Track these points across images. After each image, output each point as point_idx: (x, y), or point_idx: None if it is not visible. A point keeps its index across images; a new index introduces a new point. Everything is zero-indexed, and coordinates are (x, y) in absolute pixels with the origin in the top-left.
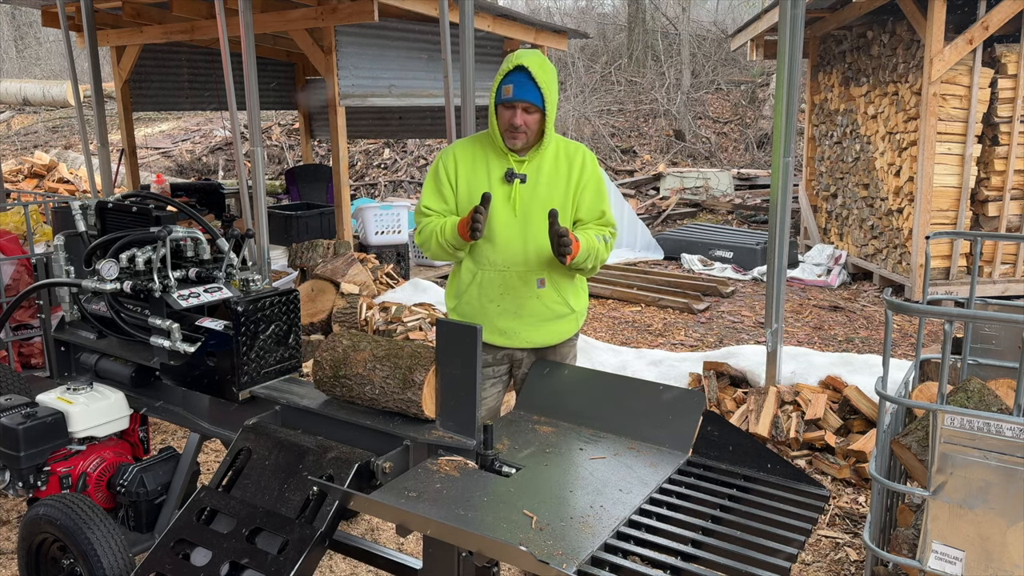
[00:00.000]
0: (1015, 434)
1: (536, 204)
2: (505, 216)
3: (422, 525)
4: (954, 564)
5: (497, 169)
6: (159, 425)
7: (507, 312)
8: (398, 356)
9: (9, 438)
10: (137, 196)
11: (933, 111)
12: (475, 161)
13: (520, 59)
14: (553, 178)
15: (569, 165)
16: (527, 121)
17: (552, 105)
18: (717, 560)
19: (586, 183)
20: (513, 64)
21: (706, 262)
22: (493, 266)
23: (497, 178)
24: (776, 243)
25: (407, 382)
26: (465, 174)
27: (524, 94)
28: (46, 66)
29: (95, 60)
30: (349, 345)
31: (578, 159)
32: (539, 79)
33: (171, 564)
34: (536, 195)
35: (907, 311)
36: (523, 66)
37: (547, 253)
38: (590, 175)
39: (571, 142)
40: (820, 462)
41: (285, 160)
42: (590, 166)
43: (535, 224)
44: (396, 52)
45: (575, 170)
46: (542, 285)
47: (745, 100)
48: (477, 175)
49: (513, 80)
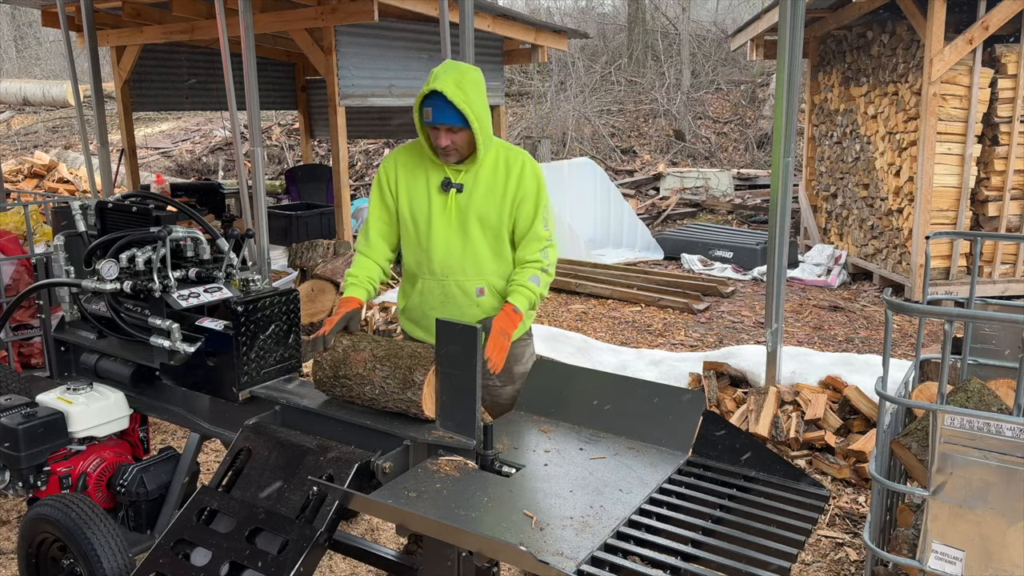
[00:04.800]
0: (1015, 434)
1: (473, 213)
2: (443, 226)
3: (422, 525)
4: (954, 564)
5: (435, 178)
6: (159, 425)
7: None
8: (398, 356)
9: (9, 438)
10: (137, 196)
11: (933, 111)
12: (415, 169)
13: (434, 83)
14: (490, 188)
15: (507, 174)
16: (454, 140)
17: (479, 119)
18: (717, 560)
19: (523, 196)
20: (428, 89)
21: (706, 262)
22: (432, 275)
23: (435, 187)
24: (776, 243)
25: (407, 382)
26: (405, 182)
27: (443, 118)
28: (46, 66)
29: (95, 60)
30: (349, 345)
31: (516, 169)
32: (456, 100)
33: (171, 564)
34: (472, 204)
35: (907, 311)
36: (436, 91)
37: (485, 262)
38: (528, 187)
39: (514, 149)
40: (820, 462)
41: (285, 160)
42: (529, 174)
43: (473, 234)
44: (396, 52)
45: (512, 180)
46: (482, 294)
47: (745, 100)
48: (416, 183)
49: (431, 104)
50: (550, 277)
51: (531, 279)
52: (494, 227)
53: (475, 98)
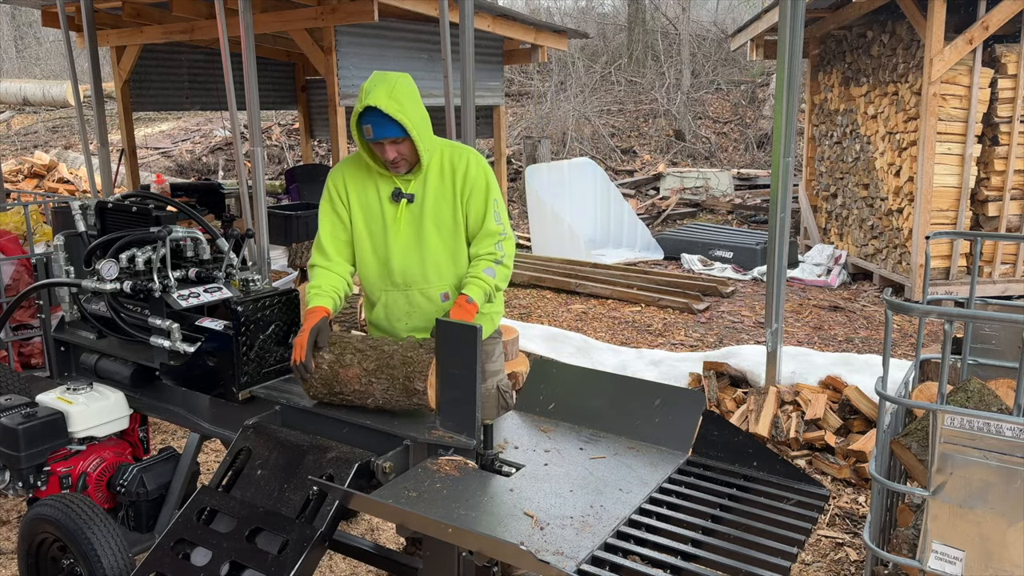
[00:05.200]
0: (1015, 434)
1: (428, 220)
2: (399, 237)
3: (422, 525)
4: (954, 564)
5: (385, 189)
6: (159, 425)
7: (417, 329)
8: (390, 365)
9: (9, 438)
10: (137, 196)
11: (933, 111)
12: (364, 182)
13: (367, 99)
14: (439, 191)
15: (453, 174)
16: (399, 151)
17: (417, 127)
18: (717, 560)
19: (471, 192)
20: (361, 106)
21: (706, 262)
22: (395, 287)
23: (386, 198)
24: (776, 243)
25: (410, 391)
26: (356, 194)
27: (383, 132)
28: (46, 66)
29: (95, 60)
30: (333, 360)
31: (461, 167)
32: (391, 112)
33: (171, 564)
34: (426, 211)
35: (907, 311)
36: (371, 107)
37: (445, 267)
38: (474, 181)
39: (458, 147)
40: (820, 462)
41: (285, 160)
42: (474, 171)
43: (430, 241)
44: (396, 52)
45: (459, 179)
46: (446, 299)
47: (745, 100)
48: (368, 195)
49: (369, 121)
50: (507, 269)
51: (485, 271)
52: (450, 229)
53: (410, 106)
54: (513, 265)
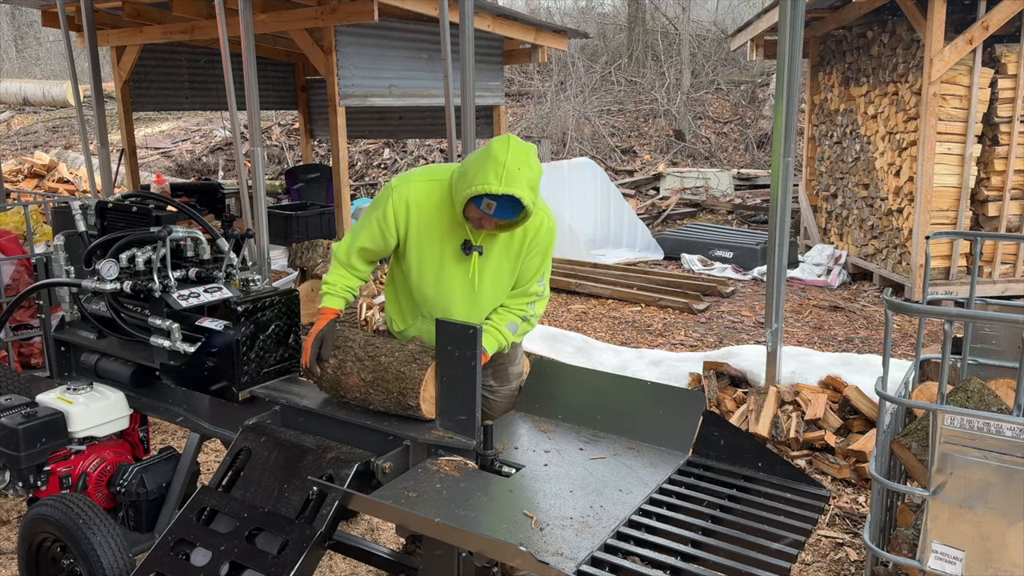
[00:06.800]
0: (1015, 434)
1: (488, 273)
2: (457, 287)
3: (422, 525)
4: (954, 564)
5: (452, 237)
6: (159, 425)
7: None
8: (384, 379)
9: (9, 438)
10: (137, 196)
11: (933, 111)
12: (431, 220)
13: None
14: (507, 247)
15: (524, 233)
16: (501, 224)
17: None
18: (717, 560)
19: (534, 252)
20: (501, 191)
21: (706, 262)
22: (429, 320)
23: (453, 246)
24: (776, 243)
25: (403, 406)
26: (418, 228)
27: (507, 214)
28: (46, 66)
29: (95, 60)
30: (336, 366)
31: (533, 228)
32: (527, 203)
33: (171, 564)
34: (488, 264)
35: (907, 311)
36: (514, 197)
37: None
38: (540, 245)
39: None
40: (820, 462)
41: (285, 160)
42: (543, 237)
43: (484, 294)
44: (396, 52)
45: (528, 239)
46: None
47: (745, 100)
48: (431, 236)
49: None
50: (530, 327)
51: (508, 325)
52: (505, 285)
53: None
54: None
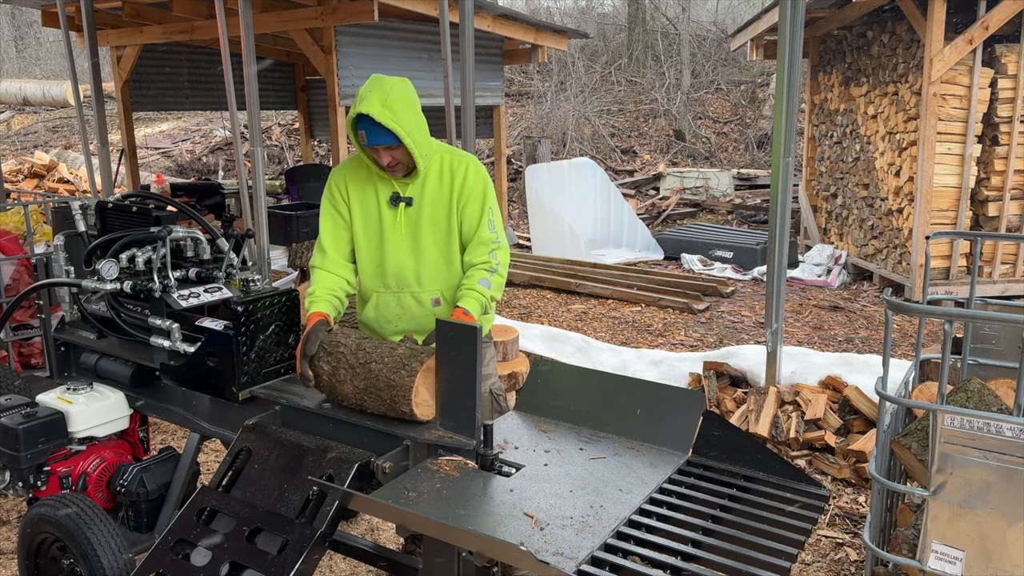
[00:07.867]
0: (1015, 434)
1: (424, 224)
2: (395, 239)
3: (422, 525)
4: (954, 564)
5: (384, 192)
6: (159, 425)
7: (406, 332)
8: (376, 387)
9: (9, 438)
10: (137, 196)
11: (933, 111)
12: (363, 184)
13: (360, 105)
14: (437, 196)
15: (452, 180)
16: (394, 155)
17: (411, 135)
18: (717, 560)
19: (468, 199)
20: (355, 112)
21: (706, 262)
22: (387, 288)
23: (385, 201)
24: (776, 243)
25: (398, 412)
26: (356, 194)
27: (377, 139)
28: (46, 66)
29: (95, 60)
30: (331, 372)
31: (460, 173)
32: (384, 120)
33: (171, 564)
34: (423, 216)
35: (907, 311)
36: (363, 114)
37: (439, 272)
38: (471, 188)
39: (458, 154)
40: (820, 462)
41: (285, 160)
42: (472, 179)
43: (425, 246)
44: (396, 52)
45: (456, 185)
46: (437, 303)
47: (745, 100)
48: (367, 196)
49: (363, 128)
50: (501, 278)
51: (480, 282)
52: (445, 235)
53: (403, 113)
54: (507, 274)
